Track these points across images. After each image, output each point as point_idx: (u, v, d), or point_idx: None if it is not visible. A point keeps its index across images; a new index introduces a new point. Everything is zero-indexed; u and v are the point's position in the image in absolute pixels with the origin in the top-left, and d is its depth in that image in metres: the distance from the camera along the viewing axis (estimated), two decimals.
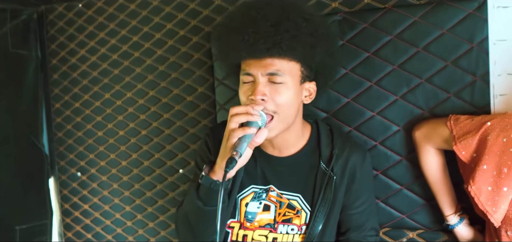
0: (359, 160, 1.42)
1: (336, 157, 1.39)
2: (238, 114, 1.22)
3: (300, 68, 1.30)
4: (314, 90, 1.38)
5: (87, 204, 2.16)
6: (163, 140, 1.97)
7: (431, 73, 1.52)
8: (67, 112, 2.16)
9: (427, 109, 1.54)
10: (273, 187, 1.43)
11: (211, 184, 1.27)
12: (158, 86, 1.95)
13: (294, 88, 1.29)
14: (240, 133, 1.20)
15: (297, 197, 1.42)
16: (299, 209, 1.41)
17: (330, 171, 1.38)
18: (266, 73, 1.26)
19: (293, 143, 1.42)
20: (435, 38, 1.51)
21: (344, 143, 1.43)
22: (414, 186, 1.59)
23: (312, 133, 1.46)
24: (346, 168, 1.40)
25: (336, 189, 1.39)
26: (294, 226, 1.42)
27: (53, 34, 2.15)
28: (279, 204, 1.42)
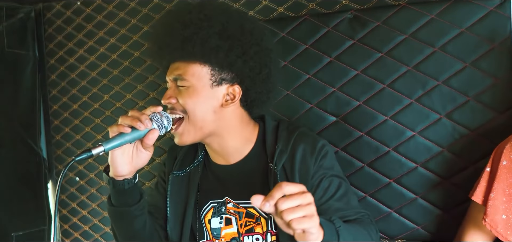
0: (308, 148, 1.31)
1: (280, 152, 1.32)
2: (124, 118, 1.20)
3: (209, 71, 1.29)
4: (238, 92, 1.32)
5: (86, 209, 2.10)
6: (164, 143, 1.90)
7: (448, 75, 1.45)
8: (65, 114, 2.10)
9: (444, 113, 1.47)
10: (229, 199, 1.38)
11: (109, 182, 1.26)
12: (159, 88, 1.88)
13: (202, 92, 1.28)
14: (114, 129, 1.18)
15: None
16: (257, 216, 1.34)
17: (275, 166, 1.30)
18: (172, 78, 1.30)
19: (237, 148, 1.38)
20: (453, 37, 1.44)
21: (289, 135, 1.36)
22: (430, 195, 1.50)
23: (259, 133, 1.41)
24: (294, 161, 1.30)
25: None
26: (258, 235, 1.35)
27: (51, 33, 2.10)
28: (238, 215, 1.37)
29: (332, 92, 1.58)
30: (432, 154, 1.48)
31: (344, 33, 1.56)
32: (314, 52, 1.60)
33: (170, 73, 1.32)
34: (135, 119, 1.18)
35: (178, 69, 1.29)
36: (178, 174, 1.44)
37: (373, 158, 1.54)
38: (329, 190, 1.29)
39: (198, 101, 1.27)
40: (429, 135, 1.48)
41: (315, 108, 1.61)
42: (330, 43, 1.57)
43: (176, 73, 1.29)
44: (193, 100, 1.27)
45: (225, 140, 1.35)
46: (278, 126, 1.41)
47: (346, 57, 1.56)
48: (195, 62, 1.28)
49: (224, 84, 1.30)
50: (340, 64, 1.57)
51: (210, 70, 1.29)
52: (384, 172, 1.54)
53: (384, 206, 1.54)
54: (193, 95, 1.27)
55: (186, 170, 1.44)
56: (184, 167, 1.45)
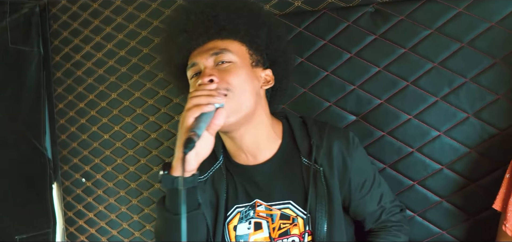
0: (343, 144, 1.28)
1: (316, 147, 1.26)
2: (199, 95, 1.10)
3: (247, 50, 1.24)
4: (271, 77, 1.30)
5: (92, 212, 2.04)
6: (174, 144, 1.81)
7: (477, 72, 1.40)
8: (71, 113, 2.05)
9: (472, 112, 1.41)
10: (259, 201, 1.29)
11: (173, 182, 1.13)
12: (168, 86, 1.83)
13: (245, 68, 1.21)
14: (195, 111, 1.07)
15: (288, 204, 1.27)
16: (294, 217, 1.26)
17: (314, 163, 1.25)
18: (211, 55, 1.20)
19: (265, 144, 1.28)
20: (482, 32, 1.39)
21: (320, 130, 1.30)
22: (456, 199, 1.45)
23: (284, 129, 1.33)
24: (331, 156, 1.26)
25: (328, 181, 1.25)
26: (294, 237, 1.26)
27: (56, 29, 2.05)
28: (270, 218, 1.28)
29: (352, 90, 1.53)
30: (458, 155, 1.43)
31: (365, 28, 1.51)
32: (333, 48, 1.55)
33: (204, 52, 1.21)
34: (209, 95, 1.09)
35: (217, 46, 1.20)
36: (201, 180, 1.31)
37: (396, 159, 1.50)
38: (365, 186, 1.29)
39: (243, 79, 1.19)
40: (455, 135, 1.43)
41: (334, 106, 1.56)
42: (350, 38, 1.53)
43: (218, 48, 1.20)
44: (239, 75, 1.18)
45: (258, 130, 1.25)
46: (304, 122, 1.35)
47: (367, 53, 1.51)
48: (233, 40, 1.22)
49: (260, 66, 1.27)
50: (361, 60, 1.52)
51: (248, 50, 1.24)
52: (407, 174, 1.49)
53: (407, 210, 1.48)
54: (237, 71, 1.18)
55: (207, 175, 1.33)
56: (204, 171, 1.33)
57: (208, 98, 1.09)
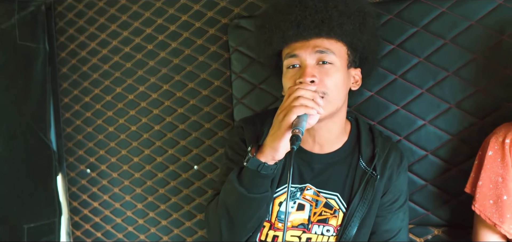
0: (397, 160, 1.37)
1: (379, 156, 1.34)
2: (305, 97, 1.14)
3: (346, 51, 1.27)
4: (360, 77, 1.35)
5: (96, 201, 2.11)
6: (177, 135, 1.91)
7: (458, 66, 1.48)
8: (76, 107, 2.11)
9: (454, 103, 1.50)
10: (309, 185, 1.36)
11: (259, 167, 1.18)
12: (172, 80, 1.90)
13: (342, 71, 1.25)
14: (301, 110, 1.12)
15: (335, 196, 1.35)
16: (336, 209, 1.35)
17: (372, 170, 1.33)
18: (315, 52, 1.22)
19: (335, 137, 1.36)
20: (463, 29, 1.46)
21: (384, 143, 1.38)
22: (439, 182, 1.54)
23: (352, 130, 1.41)
24: (385, 168, 1.35)
25: (376, 189, 1.33)
26: (330, 227, 1.35)
27: (62, 27, 2.10)
28: (315, 202, 1.35)
29: None
30: (442, 142, 1.51)
31: None
32: None
33: (309, 47, 1.22)
34: (315, 100, 1.14)
35: (322, 44, 1.22)
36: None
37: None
38: (394, 205, 1.37)
39: (340, 82, 1.24)
40: (439, 124, 1.51)
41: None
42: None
43: (322, 47, 1.21)
44: (337, 78, 1.23)
45: (333, 123, 1.31)
46: (371, 130, 1.43)
47: None
48: (338, 40, 1.24)
49: (352, 67, 1.31)
50: None
51: (347, 50, 1.27)
52: None
53: None
54: (336, 74, 1.23)
55: None
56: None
57: (314, 104, 1.14)
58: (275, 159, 1.18)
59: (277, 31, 1.25)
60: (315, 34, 1.22)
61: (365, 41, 1.29)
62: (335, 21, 1.21)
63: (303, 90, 1.15)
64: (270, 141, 1.17)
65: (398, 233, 1.38)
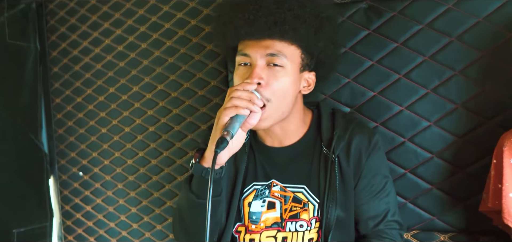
0: (364, 140, 1.31)
1: (338, 138, 1.30)
2: (240, 98, 1.14)
3: (300, 55, 1.24)
4: (313, 81, 1.32)
5: (89, 205, 2.05)
6: (173, 137, 1.87)
7: (465, 65, 1.43)
8: (68, 107, 2.06)
9: (460, 102, 1.45)
10: (275, 181, 1.34)
11: (202, 172, 1.20)
12: (167, 80, 1.85)
13: (293, 75, 1.23)
14: (232, 111, 1.13)
15: (302, 189, 1.32)
16: (305, 202, 1.31)
17: (332, 153, 1.29)
18: (266, 54, 1.19)
19: (293, 132, 1.35)
20: (470, 26, 1.42)
21: (347, 123, 1.34)
22: (446, 186, 1.49)
23: (313, 118, 1.39)
24: (349, 150, 1.30)
25: (342, 173, 1.29)
26: (302, 221, 1.31)
27: (53, 25, 2.05)
28: (284, 199, 1.33)
29: (347, 83, 1.57)
30: (447, 143, 1.47)
31: (359, 23, 1.54)
32: None
33: (260, 48, 1.20)
34: (250, 100, 1.14)
35: (273, 46, 1.20)
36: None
37: (389, 149, 1.52)
38: (373, 188, 1.31)
39: (289, 85, 1.22)
40: (445, 125, 1.47)
41: (329, 99, 1.59)
42: (345, 33, 1.54)
43: (274, 50, 1.19)
44: (285, 83, 1.21)
45: (288, 123, 1.31)
46: (333, 114, 1.39)
47: (361, 48, 1.54)
48: (291, 43, 1.22)
49: (306, 70, 1.28)
50: (355, 54, 1.55)
51: (301, 54, 1.25)
52: (399, 162, 1.52)
53: (400, 197, 1.52)
54: (285, 78, 1.21)
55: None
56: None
57: (247, 103, 1.14)
58: (221, 161, 1.18)
59: (230, 27, 1.23)
60: (268, 35, 1.20)
61: (321, 46, 1.27)
62: (288, 25, 1.18)
63: (238, 90, 1.15)
64: (210, 145, 1.19)
65: (386, 216, 1.32)
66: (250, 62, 1.22)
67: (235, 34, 1.23)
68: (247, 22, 1.19)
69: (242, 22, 1.19)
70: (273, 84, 1.19)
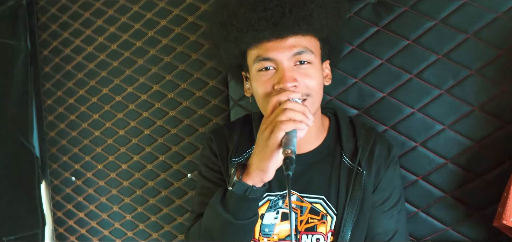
0: (384, 151, 1.27)
1: (362, 150, 1.25)
2: (294, 110, 1.04)
3: (320, 46, 1.20)
4: (329, 70, 1.29)
5: (82, 212, 1.99)
6: (169, 140, 1.80)
7: (482, 64, 1.36)
8: (60, 109, 1.99)
9: (477, 105, 1.37)
10: (292, 191, 1.25)
11: (247, 191, 1.09)
12: (163, 80, 1.78)
13: (320, 69, 1.19)
14: (290, 126, 1.02)
15: (321, 200, 1.24)
16: (324, 214, 1.24)
17: (357, 166, 1.23)
18: (293, 54, 1.12)
19: (313, 137, 1.27)
20: (488, 22, 1.34)
21: (367, 134, 1.30)
22: (461, 194, 1.42)
23: (331, 125, 1.33)
24: (372, 161, 1.25)
25: (365, 186, 1.23)
26: (319, 235, 1.23)
27: (44, 22, 1.99)
28: (300, 209, 1.25)
29: (354, 83, 1.50)
30: (463, 148, 1.39)
31: (367, 19, 1.47)
32: None
33: (285, 49, 1.12)
34: (304, 113, 1.05)
35: (299, 43, 1.12)
36: (235, 161, 1.29)
37: (399, 154, 1.45)
38: (386, 203, 1.26)
39: (320, 81, 1.17)
40: (460, 129, 1.39)
41: (335, 100, 1.53)
42: (352, 30, 1.48)
43: (299, 48, 1.12)
44: (317, 80, 1.15)
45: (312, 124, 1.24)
46: (352, 122, 1.34)
47: (370, 45, 1.47)
48: (312, 36, 1.16)
49: (325, 60, 1.25)
50: (363, 52, 1.48)
51: (320, 45, 1.20)
52: (411, 169, 1.45)
53: (411, 206, 1.46)
54: (316, 74, 1.15)
55: (242, 157, 1.30)
56: (239, 153, 1.30)
57: (303, 117, 1.04)
58: (264, 181, 1.10)
59: (249, 30, 1.12)
60: (293, 32, 1.12)
61: (339, 33, 1.25)
62: (315, 17, 1.12)
63: (291, 102, 1.06)
64: (257, 162, 1.08)
65: (394, 236, 1.27)
66: (274, 66, 1.14)
67: (256, 37, 1.13)
68: (271, 22, 1.10)
69: (265, 23, 1.10)
70: (308, 82, 1.13)
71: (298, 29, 1.11)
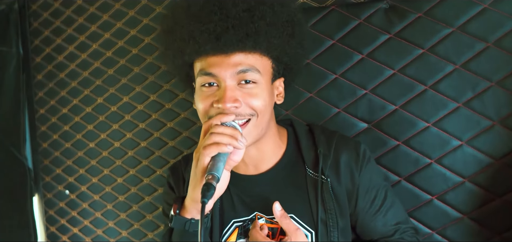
0: (352, 154, 1.21)
1: (323, 157, 1.20)
2: (222, 134, 1.02)
3: (271, 65, 1.14)
4: (283, 88, 1.23)
5: (77, 227, 1.91)
6: (167, 153, 1.72)
7: (504, 75, 1.30)
8: (53, 119, 1.92)
9: (498, 119, 1.31)
10: (259, 214, 1.21)
11: (186, 225, 1.09)
12: (160, 89, 1.70)
13: (267, 89, 1.12)
14: (213, 150, 1.01)
15: (291, 219, 1.17)
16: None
17: (321, 175, 1.18)
18: (236, 72, 1.07)
19: (270, 154, 1.23)
20: (510, 30, 1.29)
21: (328, 138, 1.25)
22: (480, 215, 1.35)
23: (289, 137, 1.28)
24: (338, 168, 1.20)
25: (336, 194, 1.18)
26: None
27: (36, 28, 1.92)
28: (271, 232, 1.20)
29: (364, 95, 1.43)
30: (482, 166, 1.34)
31: (378, 26, 1.41)
32: (343, 48, 1.44)
33: (229, 66, 1.06)
34: (232, 135, 1.02)
35: (244, 61, 1.06)
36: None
37: (412, 171, 1.39)
38: (375, 203, 1.21)
39: (267, 100, 1.11)
40: (479, 145, 1.33)
41: (343, 113, 1.45)
42: (362, 37, 1.42)
43: (244, 66, 1.06)
44: (264, 99, 1.10)
45: (264, 143, 1.19)
46: (311, 130, 1.29)
47: (381, 54, 1.41)
48: (260, 54, 1.09)
49: (277, 78, 1.18)
50: (374, 62, 1.41)
51: (272, 64, 1.13)
52: (425, 187, 1.39)
53: (425, 227, 1.39)
54: (263, 92, 1.10)
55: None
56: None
57: (230, 139, 1.02)
58: (207, 209, 1.07)
59: (191, 41, 1.07)
60: (238, 49, 1.06)
61: (292, 53, 1.16)
62: (262, 35, 1.06)
63: (219, 126, 1.04)
64: (191, 192, 1.07)
65: (399, 226, 1.23)
66: (216, 82, 1.09)
67: (198, 50, 1.08)
68: (214, 36, 1.05)
69: (207, 36, 1.05)
70: (251, 102, 1.09)
71: (243, 46, 1.06)
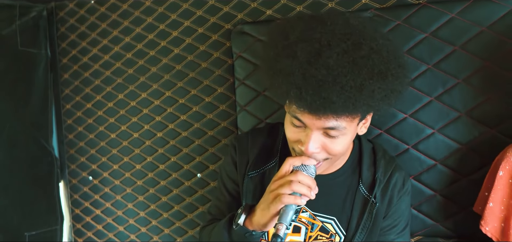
0: (399, 183, 1.29)
1: (379, 182, 1.27)
2: (301, 184, 1.08)
3: (360, 115, 1.14)
4: (370, 116, 1.22)
5: (99, 209, 2.08)
6: (180, 142, 1.88)
7: (469, 73, 1.44)
8: (78, 113, 2.08)
9: (464, 111, 1.46)
10: (305, 207, 1.30)
11: (246, 234, 1.17)
12: (175, 86, 1.87)
13: (351, 133, 1.14)
14: (290, 201, 1.07)
15: (332, 221, 1.29)
16: (332, 233, 1.29)
17: (373, 197, 1.26)
18: (323, 128, 1.08)
19: (335, 165, 1.30)
20: (473, 35, 1.42)
21: (386, 166, 1.30)
22: (449, 192, 1.50)
23: (354, 149, 1.34)
24: (386, 192, 1.28)
25: (377, 215, 1.27)
26: None
27: (63, 32, 2.07)
28: (311, 226, 1.30)
29: None
30: (451, 151, 1.47)
31: None
32: None
33: (321, 122, 1.06)
34: (310, 187, 1.09)
35: (332, 119, 1.06)
36: (253, 175, 1.33)
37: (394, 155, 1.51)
38: (394, 230, 1.31)
39: (347, 143, 1.14)
40: (449, 133, 1.47)
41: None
42: None
43: (331, 124, 1.07)
44: (344, 144, 1.13)
45: (335, 162, 1.26)
46: (374, 150, 1.34)
47: None
48: (356, 116, 1.11)
49: (365, 117, 1.18)
50: None
51: (360, 115, 1.13)
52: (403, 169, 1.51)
53: None
54: (345, 139, 1.12)
55: (260, 171, 1.33)
56: (257, 167, 1.33)
57: (307, 191, 1.08)
58: (265, 228, 1.15)
59: (285, 95, 1.08)
60: (334, 113, 1.06)
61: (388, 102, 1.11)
62: (364, 103, 1.04)
63: (300, 174, 1.09)
64: (259, 216, 1.15)
65: None
66: (303, 126, 1.12)
67: (299, 103, 1.05)
68: (306, 103, 1.02)
69: (299, 101, 1.03)
70: (331, 149, 1.12)
71: (342, 113, 1.06)
